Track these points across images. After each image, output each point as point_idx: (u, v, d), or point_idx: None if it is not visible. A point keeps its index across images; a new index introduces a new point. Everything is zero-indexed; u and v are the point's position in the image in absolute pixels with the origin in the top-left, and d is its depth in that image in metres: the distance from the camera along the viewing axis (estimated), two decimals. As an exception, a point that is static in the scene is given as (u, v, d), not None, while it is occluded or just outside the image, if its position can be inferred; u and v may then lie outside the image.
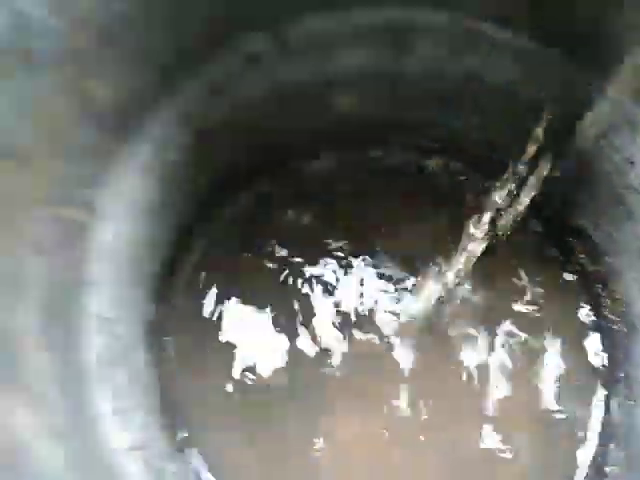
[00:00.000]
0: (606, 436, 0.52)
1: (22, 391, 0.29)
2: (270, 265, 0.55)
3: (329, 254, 0.56)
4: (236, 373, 0.52)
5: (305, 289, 0.55)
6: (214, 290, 0.54)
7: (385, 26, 0.47)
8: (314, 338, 0.54)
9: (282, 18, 0.43)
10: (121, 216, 0.40)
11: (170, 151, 0.44)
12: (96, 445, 0.34)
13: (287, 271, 0.55)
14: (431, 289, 0.53)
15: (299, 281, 0.55)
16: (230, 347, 0.53)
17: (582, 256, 0.55)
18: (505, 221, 0.49)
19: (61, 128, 0.34)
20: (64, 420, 0.32)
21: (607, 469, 0.50)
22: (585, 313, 0.56)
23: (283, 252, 0.56)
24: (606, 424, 0.52)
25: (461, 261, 0.50)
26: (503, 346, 0.54)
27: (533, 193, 0.48)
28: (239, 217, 0.56)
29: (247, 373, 0.53)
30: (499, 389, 0.53)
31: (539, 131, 0.45)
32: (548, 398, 0.53)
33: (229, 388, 0.52)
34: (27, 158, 0.31)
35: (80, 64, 0.34)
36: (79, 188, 0.36)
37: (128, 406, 0.40)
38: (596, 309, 0.56)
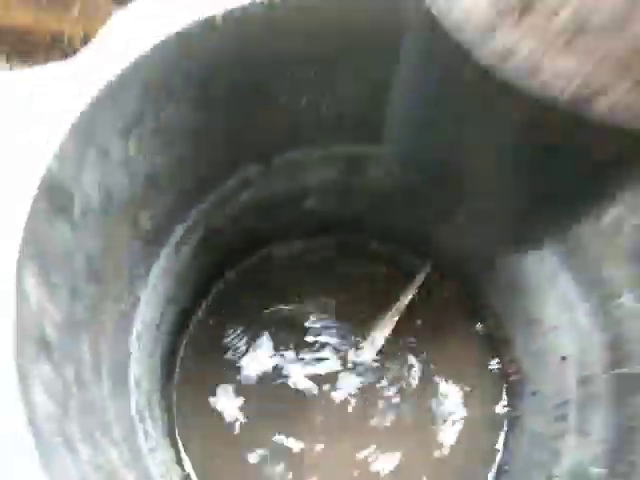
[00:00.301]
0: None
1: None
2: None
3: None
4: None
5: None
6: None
7: (341, 155, 0.64)
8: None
9: (271, 154, 0.60)
10: (152, 304, 0.54)
11: (186, 250, 0.58)
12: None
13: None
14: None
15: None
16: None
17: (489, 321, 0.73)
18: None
19: (122, 247, 0.48)
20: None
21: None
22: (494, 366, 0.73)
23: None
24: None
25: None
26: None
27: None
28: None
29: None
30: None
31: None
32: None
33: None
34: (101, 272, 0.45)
35: (135, 204, 0.48)
36: (129, 287, 0.50)
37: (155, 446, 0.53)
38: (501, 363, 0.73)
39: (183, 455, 0.60)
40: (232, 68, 0.49)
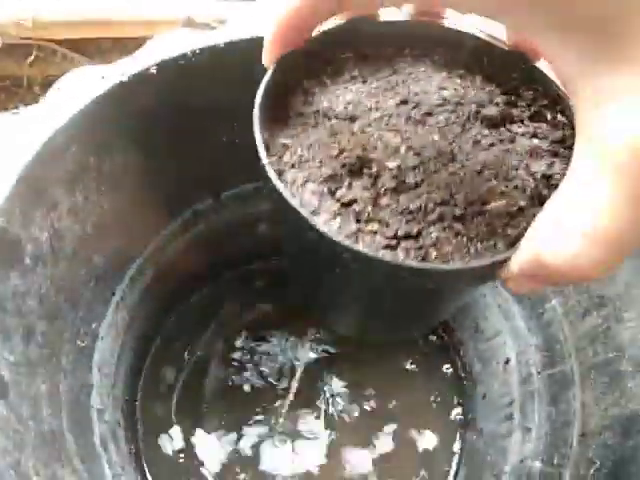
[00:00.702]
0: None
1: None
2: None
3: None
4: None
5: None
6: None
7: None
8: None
9: (222, 188, 0.64)
10: (111, 337, 0.57)
11: (140, 284, 0.62)
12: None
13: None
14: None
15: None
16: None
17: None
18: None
19: (76, 286, 0.51)
20: None
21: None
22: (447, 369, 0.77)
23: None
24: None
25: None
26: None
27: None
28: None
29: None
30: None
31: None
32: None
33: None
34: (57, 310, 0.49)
35: (87, 247, 0.51)
36: (86, 323, 0.53)
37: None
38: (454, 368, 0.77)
39: (149, 477, 0.62)
40: (171, 116, 0.53)
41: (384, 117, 0.29)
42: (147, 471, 0.63)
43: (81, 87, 0.47)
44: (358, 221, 0.26)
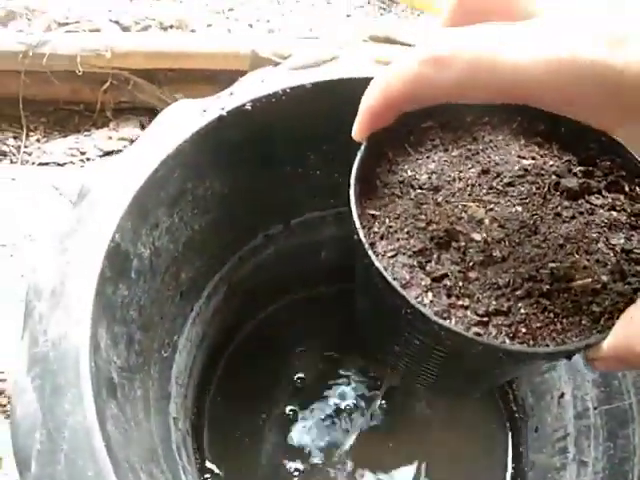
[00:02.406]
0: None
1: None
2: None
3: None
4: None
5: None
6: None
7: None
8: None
9: (291, 216, 0.68)
10: (186, 351, 0.61)
11: (215, 301, 0.66)
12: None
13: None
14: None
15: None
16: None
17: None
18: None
19: (165, 300, 0.55)
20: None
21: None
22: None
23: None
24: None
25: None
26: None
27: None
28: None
29: None
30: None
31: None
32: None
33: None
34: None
35: (177, 264, 0.56)
36: (169, 335, 0.57)
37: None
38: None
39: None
40: (256, 147, 0.57)
41: (467, 187, 0.30)
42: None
43: (184, 119, 0.52)
44: (449, 296, 0.27)
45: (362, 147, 0.30)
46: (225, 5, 1.33)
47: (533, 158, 0.31)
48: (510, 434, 0.76)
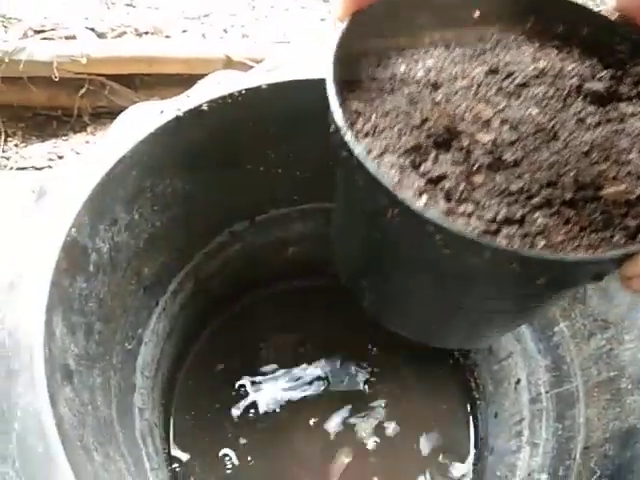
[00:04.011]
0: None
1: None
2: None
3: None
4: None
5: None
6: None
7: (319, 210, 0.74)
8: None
9: (255, 213, 0.70)
10: (152, 344, 0.63)
11: (181, 297, 0.68)
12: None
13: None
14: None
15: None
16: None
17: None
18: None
19: (127, 294, 0.57)
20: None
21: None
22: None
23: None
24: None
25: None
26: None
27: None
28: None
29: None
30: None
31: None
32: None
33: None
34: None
35: (138, 259, 0.58)
36: (133, 328, 0.59)
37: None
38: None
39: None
40: (217, 146, 0.59)
41: (472, 87, 0.26)
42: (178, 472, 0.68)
43: (141, 120, 0.54)
44: (449, 200, 0.23)
45: (341, 27, 0.25)
46: (201, 11, 1.36)
47: (550, 60, 0.27)
48: (472, 422, 0.78)
